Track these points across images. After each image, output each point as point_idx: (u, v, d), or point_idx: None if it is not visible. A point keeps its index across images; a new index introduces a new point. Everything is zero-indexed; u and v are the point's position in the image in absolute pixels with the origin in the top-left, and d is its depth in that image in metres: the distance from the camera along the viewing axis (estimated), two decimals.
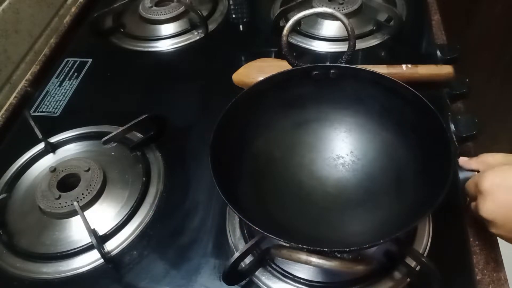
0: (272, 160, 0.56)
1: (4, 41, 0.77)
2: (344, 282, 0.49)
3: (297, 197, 0.54)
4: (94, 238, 0.52)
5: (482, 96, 1.40)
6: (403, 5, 0.83)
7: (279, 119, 0.57)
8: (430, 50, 0.73)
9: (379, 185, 0.53)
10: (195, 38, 0.83)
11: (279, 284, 0.49)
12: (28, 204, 0.59)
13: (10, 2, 0.78)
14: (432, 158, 0.48)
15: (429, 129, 0.49)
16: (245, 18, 0.88)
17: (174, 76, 0.78)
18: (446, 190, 0.41)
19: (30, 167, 0.64)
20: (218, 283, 0.50)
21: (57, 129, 0.68)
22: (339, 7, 0.79)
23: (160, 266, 0.52)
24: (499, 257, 0.51)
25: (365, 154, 0.56)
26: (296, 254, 0.42)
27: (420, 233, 0.51)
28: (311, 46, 0.77)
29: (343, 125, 0.58)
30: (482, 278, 0.49)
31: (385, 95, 0.54)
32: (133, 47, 0.83)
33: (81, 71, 0.79)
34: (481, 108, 1.44)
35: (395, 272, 0.48)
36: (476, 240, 0.52)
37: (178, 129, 0.67)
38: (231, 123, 0.51)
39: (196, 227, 0.55)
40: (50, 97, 0.75)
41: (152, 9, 0.86)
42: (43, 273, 0.53)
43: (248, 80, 0.69)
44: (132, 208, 0.57)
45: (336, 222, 0.51)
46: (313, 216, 0.52)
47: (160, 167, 0.62)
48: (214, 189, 0.44)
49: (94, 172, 0.59)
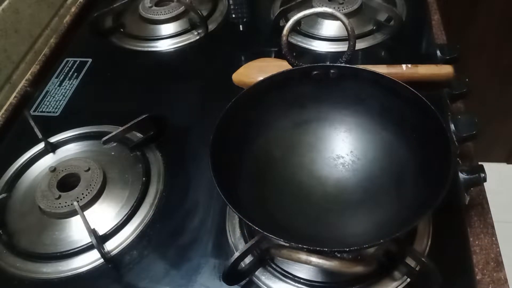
0: (272, 160, 0.56)
1: (4, 41, 0.77)
2: (344, 282, 0.49)
3: (297, 197, 0.54)
4: (94, 238, 0.52)
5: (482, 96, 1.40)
6: (403, 5, 0.82)
7: (279, 119, 0.57)
8: (430, 50, 0.73)
9: (379, 185, 0.53)
10: (195, 38, 0.83)
11: (279, 284, 0.49)
12: (28, 204, 0.59)
13: (10, 1, 0.78)
14: (432, 158, 0.48)
15: (429, 129, 0.49)
16: (245, 18, 0.88)
17: (174, 76, 0.78)
18: (446, 190, 0.41)
19: (30, 167, 0.64)
20: (218, 283, 0.50)
21: (57, 129, 0.68)
22: (339, 7, 0.78)
23: (160, 266, 0.52)
24: (499, 257, 0.51)
25: (365, 154, 0.56)
26: (296, 254, 0.42)
27: (420, 233, 0.51)
28: (311, 46, 0.77)
29: (343, 125, 0.58)
30: (482, 278, 0.49)
31: (385, 95, 0.54)
32: (133, 47, 0.83)
33: (81, 71, 0.79)
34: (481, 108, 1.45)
35: (395, 272, 0.48)
36: (476, 240, 0.52)
37: (178, 129, 0.67)
38: (231, 123, 0.51)
39: (196, 227, 0.55)
40: (50, 97, 0.75)
41: (152, 9, 0.86)
42: (43, 273, 0.53)
43: (248, 80, 0.69)
44: (132, 208, 0.57)
45: (336, 222, 0.51)
46: (313, 216, 0.52)
47: (160, 167, 0.62)
48: (214, 189, 0.44)
49: (94, 172, 0.59)
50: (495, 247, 0.51)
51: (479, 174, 0.54)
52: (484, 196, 0.57)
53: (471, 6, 1.22)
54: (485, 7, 1.22)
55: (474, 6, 1.22)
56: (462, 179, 0.55)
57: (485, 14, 1.23)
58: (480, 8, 1.22)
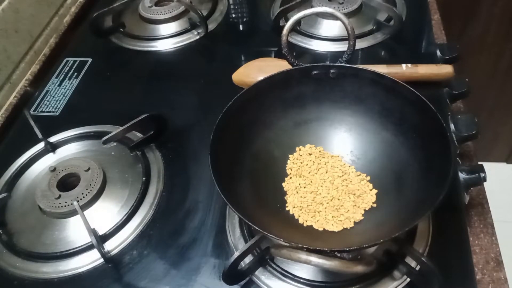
0: (272, 159, 0.56)
1: (4, 40, 0.77)
2: (344, 282, 0.49)
3: None
4: (94, 237, 0.52)
5: (482, 96, 1.40)
6: (403, 4, 0.83)
7: (279, 119, 0.57)
8: (430, 50, 0.74)
9: (379, 185, 0.53)
10: (195, 38, 0.83)
11: (279, 283, 0.49)
12: (28, 203, 0.59)
13: (10, 1, 0.78)
14: (432, 158, 0.48)
15: (429, 129, 0.49)
16: (245, 18, 0.88)
17: (174, 75, 0.78)
18: (446, 190, 0.41)
19: (30, 167, 0.64)
20: (218, 282, 0.50)
21: (57, 129, 0.68)
22: (339, 6, 0.78)
23: (160, 266, 0.52)
24: (499, 256, 0.51)
25: (365, 154, 0.56)
26: (296, 254, 0.42)
27: (420, 232, 0.51)
28: (311, 45, 0.77)
29: (343, 125, 0.58)
30: (482, 278, 0.49)
31: (385, 95, 0.54)
32: (133, 47, 0.83)
33: (81, 71, 0.79)
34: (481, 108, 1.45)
35: (395, 272, 0.48)
36: (476, 240, 0.52)
37: (178, 129, 0.67)
38: (231, 123, 0.51)
39: (196, 227, 0.55)
40: (50, 97, 0.75)
41: (152, 9, 0.86)
42: (43, 272, 0.53)
43: (248, 79, 0.69)
44: (132, 208, 0.57)
45: None
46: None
47: (160, 166, 0.62)
48: (214, 189, 0.44)
49: (94, 172, 0.59)
50: (495, 247, 0.51)
51: (479, 174, 0.54)
52: (484, 196, 0.57)
53: (471, 6, 1.22)
54: (485, 7, 1.22)
55: (474, 6, 1.22)
56: (462, 179, 0.55)
57: (485, 14, 1.23)
58: (480, 8, 1.22)
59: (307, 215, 0.51)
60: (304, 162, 0.55)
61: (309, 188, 0.53)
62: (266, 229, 0.42)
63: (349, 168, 0.55)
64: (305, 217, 0.51)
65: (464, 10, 1.22)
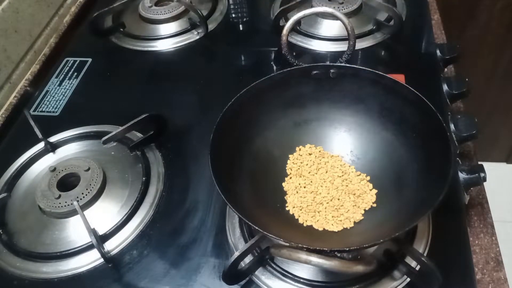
0: (272, 159, 0.56)
1: (4, 40, 0.77)
2: (344, 282, 0.49)
3: None
4: (94, 237, 0.52)
5: (482, 96, 1.40)
6: (403, 4, 0.82)
7: (279, 119, 0.57)
8: (430, 50, 0.74)
9: (379, 185, 0.53)
10: (195, 38, 0.83)
11: (279, 283, 0.49)
12: (28, 203, 0.59)
13: (10, 1, 0.78)
14: (432, 157, 0.48)
15: (429, 128, 0.49)
16: (245, 18, 0.88)
17: (174, 75, 0.78)
18: (446, 190, 0.41)
19: (30, 167, 0.64)
20: (218, 282, 0.50)
21: (57, 129, 0.68)
22: (339, 6, 0.78)
23: (160, 266, 0.52)
24: (499, 256, 0.51)
25: (365, 154, 0.56)
26: (296, 254, 0.42)
27: (420, 233, 0.51)
28: (311, 45, 0.77)
29: (343, 125, 0.58)
30: (482, 277, 0.49)
31: (385, 95, 0.54)
32: (133, 47, 0.83)
33: (81, 71, 0.79)
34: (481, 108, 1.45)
35: (395, 272, 0.48)
36: (476, 239, 0.52)
37: (178, 129, 0.67)
38: (231, 123, 0.51)
39: (196, 227, 0.55)
40: (50, 97, 0.75)
41: (152, 9, 0.86)
42: (43, 272, 0.53)
43: None
44: (132, 208, 0.57)
45: None
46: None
47: (160, 166, 0.62)
48: (214, 189, 0.44)
49: (94, 172, 0.59)
50: (495, 247, 0.51)
51: (479, 174, 0.54)
52: (484, 196, 0.57)
53: (471, 6, 1.22)
54: (485, 7, 1.22)
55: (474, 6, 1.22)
56: (462, 179, 0.55)
57: (485, 14, 1.23)
58: (480, 8, 1.22)
59: (307, 215, 0.51)
60: (304, 162, 0.55)
61: (309, 188, 0.53)
62: (266, 229, 0.42)
63: (349, 168, 0.55)
64: (305, 217, 0.51)
65: (464, 10, 1.22)
